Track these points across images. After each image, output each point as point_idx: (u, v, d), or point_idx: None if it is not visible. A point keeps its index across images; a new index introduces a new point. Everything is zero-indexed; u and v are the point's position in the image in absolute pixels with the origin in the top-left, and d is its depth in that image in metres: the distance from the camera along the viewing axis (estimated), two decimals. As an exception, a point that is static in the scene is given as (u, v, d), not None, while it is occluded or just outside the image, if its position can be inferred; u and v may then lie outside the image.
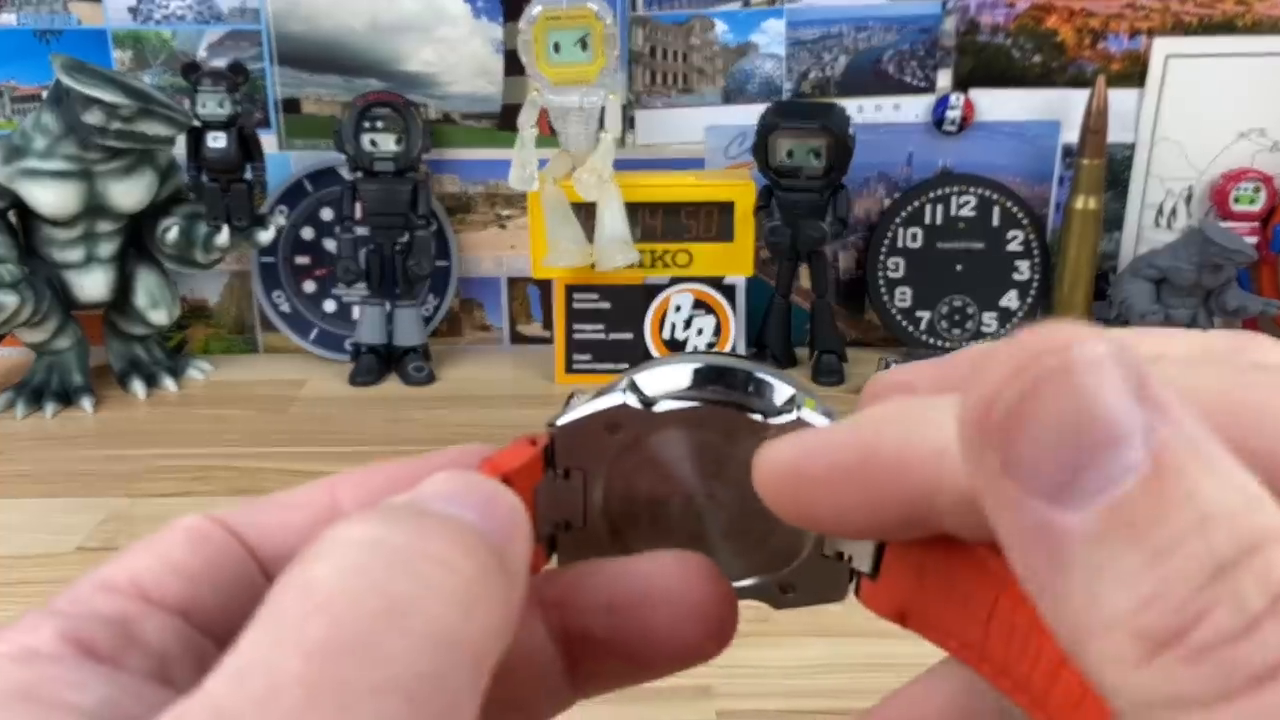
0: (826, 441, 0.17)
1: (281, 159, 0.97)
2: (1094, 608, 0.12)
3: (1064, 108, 0.95)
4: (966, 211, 0.95)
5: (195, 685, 0.14)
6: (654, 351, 0.93)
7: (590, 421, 0.20)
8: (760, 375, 0.19)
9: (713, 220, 0.90)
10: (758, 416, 0.19)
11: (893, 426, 0.16)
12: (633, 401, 0.19)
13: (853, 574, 0.20)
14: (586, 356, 0.93)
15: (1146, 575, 0.12)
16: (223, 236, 0.90)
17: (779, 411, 0.19)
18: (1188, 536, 0.12)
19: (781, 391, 0.19)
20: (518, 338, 1.04)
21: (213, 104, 0.89)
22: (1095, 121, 0.90)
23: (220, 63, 0.93)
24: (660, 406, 0.19)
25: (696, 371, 0.19)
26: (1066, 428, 0.12)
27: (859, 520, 0.17)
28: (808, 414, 0.19)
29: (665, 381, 0.19)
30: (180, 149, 0.91)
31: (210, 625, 0.18)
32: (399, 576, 0.14)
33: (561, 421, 0.20)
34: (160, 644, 0.16)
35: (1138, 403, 0.12)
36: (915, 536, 0.17)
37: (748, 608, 0.22)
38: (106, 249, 0.89)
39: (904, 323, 0.98)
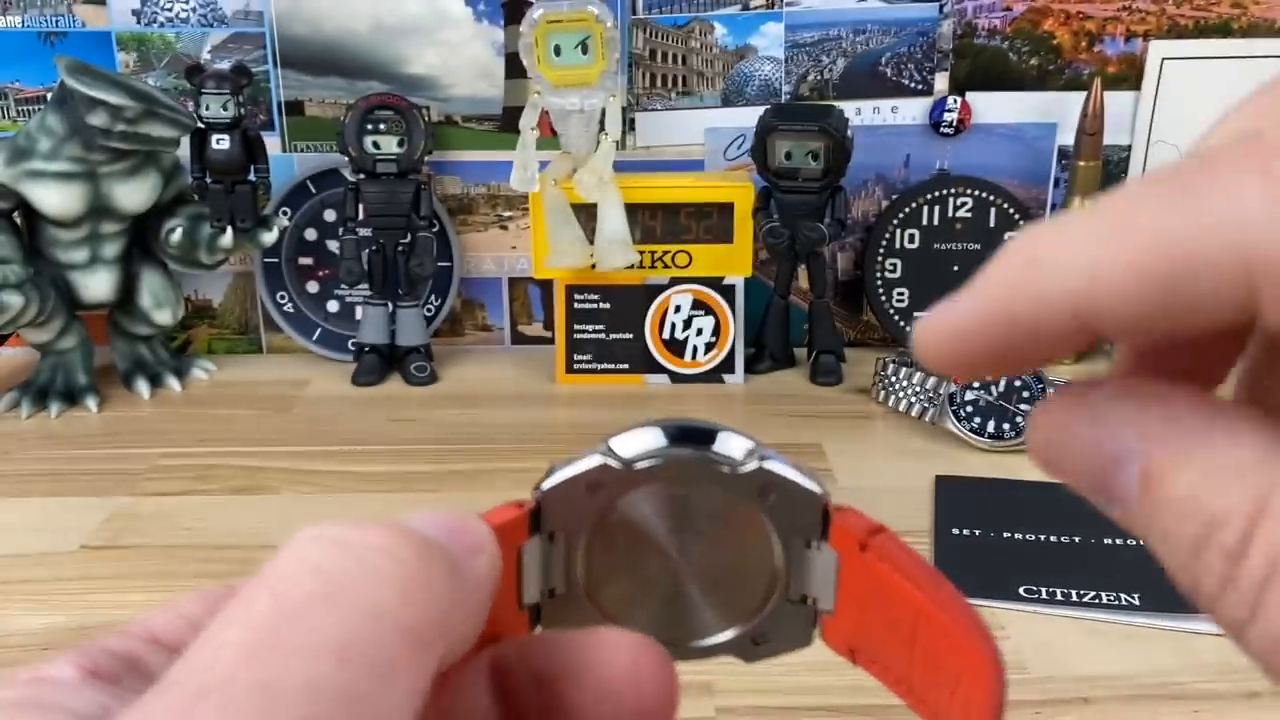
0: (971, 312, 0.17)
1: (285, 161, 0.98)
2: (1178, 551, 0.15)
3: (1060, 110, 0.96)
4: (963, 213, 0.96)
5: None
6: (654, 351, 0.93)
7: (572, 483, 0.21)
8: (724, 431, 0.21)
9: (712, 221, 0.91)
10: (725, 467, 0.21)
11: (1027, 276, 0.16)
12: (611, 461, 0.21)
13: (816, 616, 0.22)
14: (587, 356, 0.94)
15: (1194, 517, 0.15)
16: (226, 238, 0.90)
17: (742, 462, 0.21)
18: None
19: (743, 444, 0.21)
20: (519, 338, 1.04)
21: (216, 106, 0.89)
22: (1091, 124, 0.91)
23: (224, 65, 0.93)
24: (635, 464, 0.21)
25: (665, 430, 0.21)
26: (1081, 460, 0.16)
27: (1025, 361, 0.17)
28: (772, 464, 0.21)
29: (638, 443, 0.21)
30: (184, 151, 0.91)
31: None
32: (338, 559, 0.15)
33: (546, 486, 0.21)
34: (160, 671, 0.17)
35: (1130, 430, 0.16)
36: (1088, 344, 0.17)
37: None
38: (111, 250, 0.89)
39: (901, 323, 0.98)
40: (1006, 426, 0.78)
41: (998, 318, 0.16)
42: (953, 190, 0.96)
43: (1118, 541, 0.65)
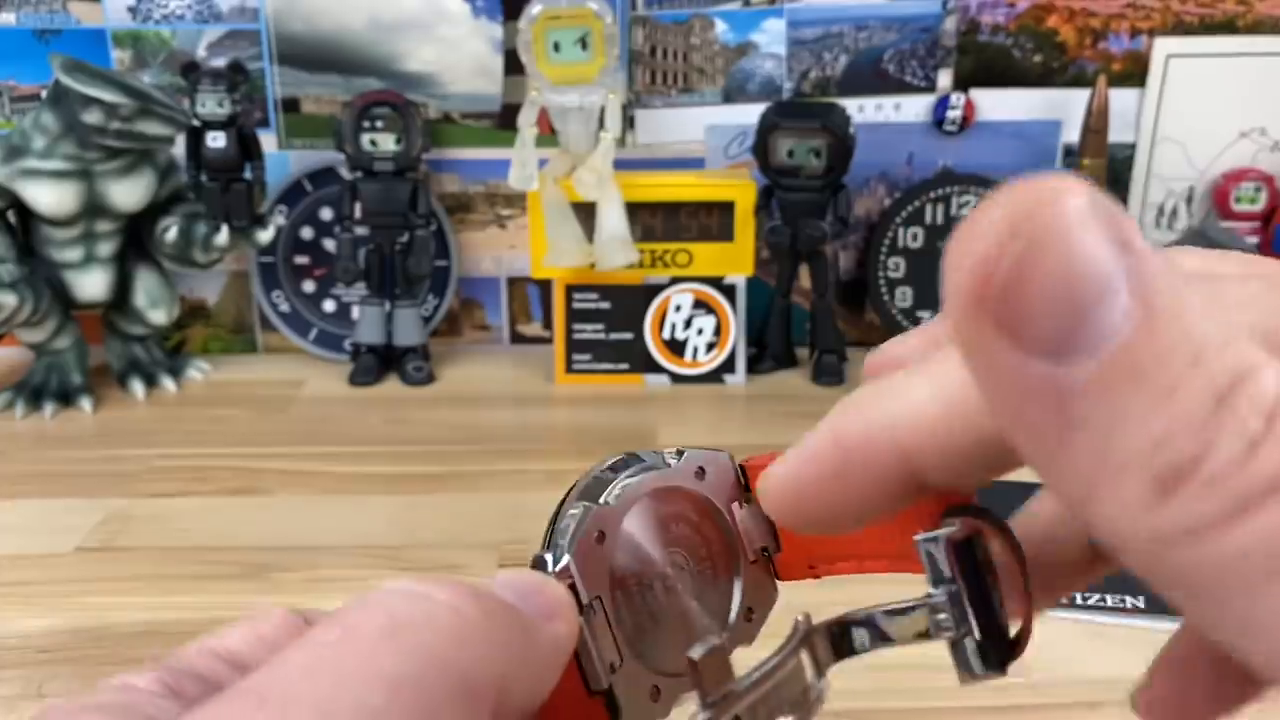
0: (807, 451, 0.19)
1: (281, 158, 0.97)
2: (1107, 456, 0.13)
3: (1065, 107, 0.95)
4: (967, 211, 0.95)
5: None
6: (654, 351, 0.93)
7: (584, 537, 0.22)
8: (646, 453, 0.24)
9: (713, 220, 0.90)
10: (663, 462, 0.23)
11: (854, 414, 0.18)
12: (593, 504, 0.22)
13: (770, 563, 0.24)
14: (586, 356, 0.93)
15: (1156, 416, 0.12)
16: (222, 236, 0.89)
17: (671, 456, 0.24)
18: (1186, 373, 0.12)
19: (667, 453, 0.24)
20: (517, 338, 1.03)
21: (212, 103, 0.89)
22: (1096, 121, 0.90)
23: (220, 62, 0.93)
24: (608, 497, 0.23)
25: (612, 468, 0.24)
26: (1061, 285, 0.13)
27: (859, 509, 0.19)
28: (692, 453, 0.24)
29: (601, 490, 0.23)
30: (180, 149, 0.91)
31: None
32: (406, 607, 0.17)
33: (565, 560, 0.21)
34: None
35: (1120, 251, 0.13)
36: (910, 505, 0.19)
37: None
38: (106, 249, 0.89)
39: (905, 323, 0.98)
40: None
41: (830, 453, 0.18)
42: (956, 188, 0.95)
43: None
